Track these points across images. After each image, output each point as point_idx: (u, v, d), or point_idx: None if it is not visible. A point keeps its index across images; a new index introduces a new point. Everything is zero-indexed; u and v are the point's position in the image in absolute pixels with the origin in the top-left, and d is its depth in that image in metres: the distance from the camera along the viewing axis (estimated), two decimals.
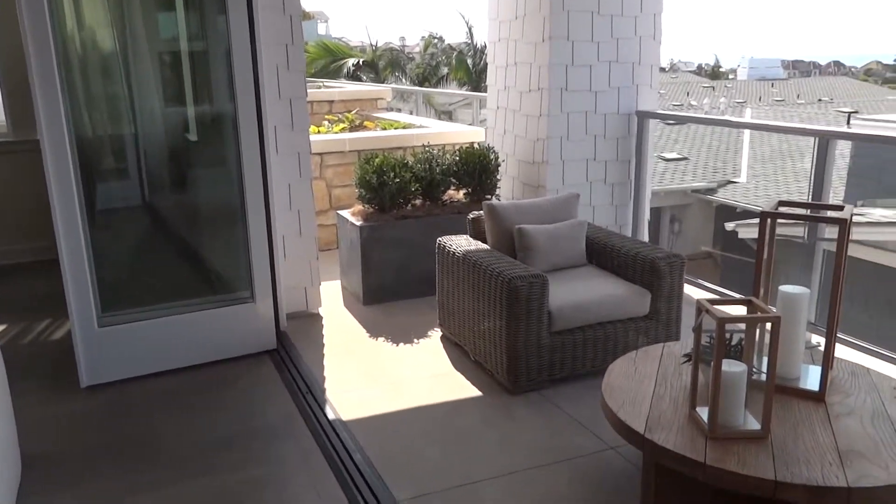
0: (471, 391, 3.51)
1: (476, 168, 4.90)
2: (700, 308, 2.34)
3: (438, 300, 4.08)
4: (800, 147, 16.05)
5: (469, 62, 18.63)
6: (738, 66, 57.64)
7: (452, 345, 4.01)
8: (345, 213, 4.84)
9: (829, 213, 2.66)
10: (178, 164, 4.01)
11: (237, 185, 3.76)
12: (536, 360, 3.41)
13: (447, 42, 20.67)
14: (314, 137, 5.47)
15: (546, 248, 3.75)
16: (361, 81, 17.20)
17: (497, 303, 3.40)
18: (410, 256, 4.67)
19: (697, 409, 2.40)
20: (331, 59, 18.31)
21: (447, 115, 15.14)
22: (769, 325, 2.34)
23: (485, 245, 3.89)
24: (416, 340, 4.11)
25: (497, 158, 5.02)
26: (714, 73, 50.30)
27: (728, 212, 14.23)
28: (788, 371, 2.61)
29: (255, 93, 3.69)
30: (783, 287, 2.59)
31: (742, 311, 2.44)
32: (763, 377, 2.40)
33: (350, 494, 2.70)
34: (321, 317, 4.50)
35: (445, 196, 4.95)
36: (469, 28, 18.91)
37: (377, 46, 20.34)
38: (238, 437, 3.12)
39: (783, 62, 62.46)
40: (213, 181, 4.00)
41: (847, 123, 15.81)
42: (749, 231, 11.95)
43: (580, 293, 3.51)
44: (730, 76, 49.40)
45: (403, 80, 19.29)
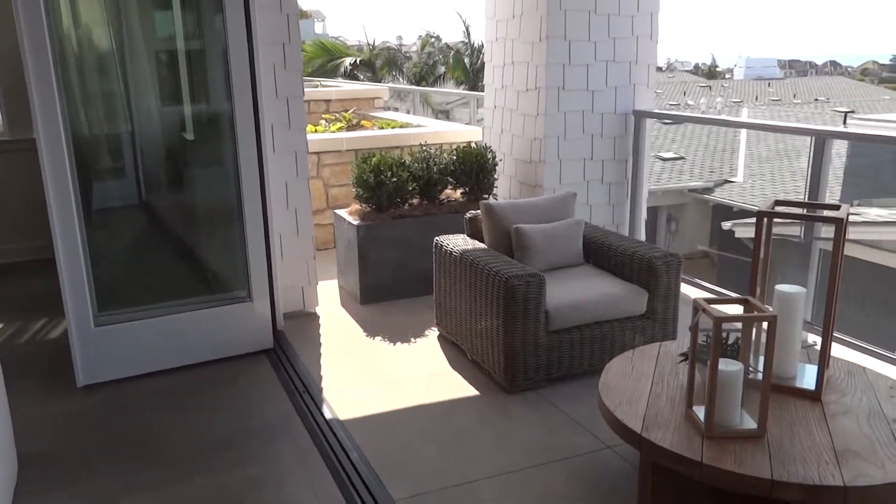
0: (468, 390, 3.51)
1: (473, 167, 4.90)
2: (697, 307, 2.35)
3: (436, 299, 4.09)
4: (796, 146, 16.09)
5: (466, 61, 18.63)
6: (735, 66, 57.70)
7: (449, 344, 4.01)
8: (342, 213, 4.84)
9: (826, 213, 2.67)
10: (175, 163, 4.00)
11: (234, 184, 3.75)
12: (533, 360, 3.41)
13: (444, 41, 20.69)
14: (311, 136, 5.47)
15: (543, 248, 3.76)
16: (358, 80, 17.18)
17: (494, 302, 3.40)
18: (408, 256, 4.66)
19: (694, 408, 2.41)
20: (328, 59, 18.30)
21: (444, 115, 15.13)
22: (766, 325, 2.35)
23: (482, 244, 3.90)
24: (414, 340, 4.11)
25: (494, 158, 5.02)
26: (711, 73, 50.34)
27: (725, 211, 14.25)
28: (785, 370, 2.61)
29: (252, 91, 3.68)
30: (779, 286, 2.59)
31: (739, 311, 2.45)
32: (759, 376, 2.41)
33: (347, 493, 2.70)
34: (318, 316, 4.50)
35: (443, 195, 4.95)
36: (466, 27, 18.93)
37: (374, 45, 20.32)
38: (235, 437, 3.12)
39: (780, 62, 62.52)
40: (210, 180, 4.00)
41: (843, 123, 15.84)
42: (746, 230, 11.98)
43: (577, 292, 3.52)
44: (726, 76, 49.44)
45: (400, 80, 19.28)
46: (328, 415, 3.28)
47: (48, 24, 3.18)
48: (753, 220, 2.60)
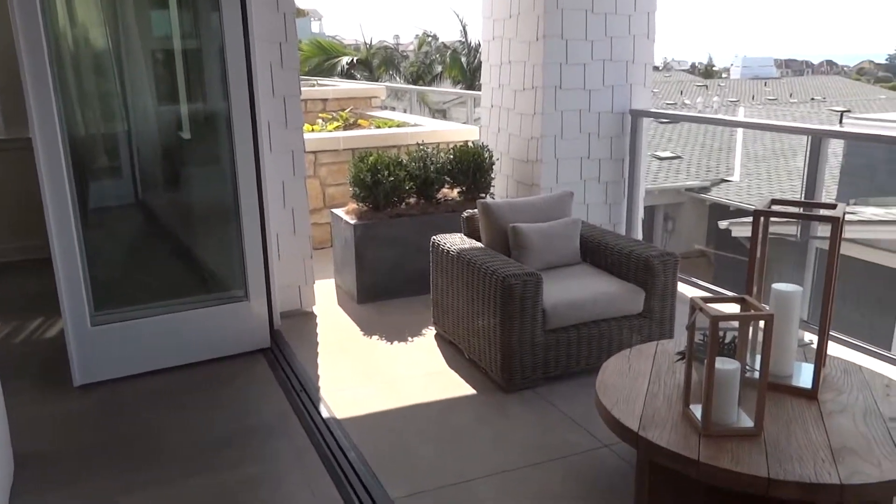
0: (465, 389, 3.52)
1: (470, 166, 4.90)
2: (694, 306, 2.35)
3: (433, 298, 4.09)
4: (792, 146, 16.11)
5: (463, 60, 18.63)
6: (732, 65, 57.75)
7: (447, 343, 4.01)
8: (339, 212, 4.84)
9: (822, 212, 2.67)
10: (172, 162, 3.99)
11: (231, 183, 3.75)
12: (531, 358, 3.42)
13: (441, 40, 20.68)
14: (308, 135, 5.46)
15: (540, 247, 3.76)
16: (355, 80, 17.17)
17: (491, 301, 3.40)
18: (404, 255, 4.66)
19: (691, 407, 2.41)
20: (325, 58, 18.29)
21: (441, 114, 15.11)
22: (762, 323, 2.35)
23: (479, 243, 3.90)
24: (411, 339, 4.11)
25: (491, 157, 5.02)
26: (707, 72, 50.39)
27: (721, 210, 14.28)
28: (781, 369, 2.62)
29: (249, 90, 3.68)
30: (776, 285, 2.60)
31: (735, 309, 2.45)
32: (756, 375, 2.41)
33: (344, 493, 2.69)
34: (315, 315, 4.50)
35: (440, 194, 4.95)
36: (463, 26, 18.91)
37: (371, 45, 20.31)
38: (232, 436, 3.11)
39: (776, 61, 62.59)
40: (207, 179, 3.99)
41: (839, 122, 15.86)
42: (742, 229, 11.99)
43: (574, 291, 3.52)
44: (723, 75, 49.50)
45: (397, 79, 19.26)
46: (325, 414, 3.28)
47: (44, 23, 3.17)
48: (750, 219, 2.60)
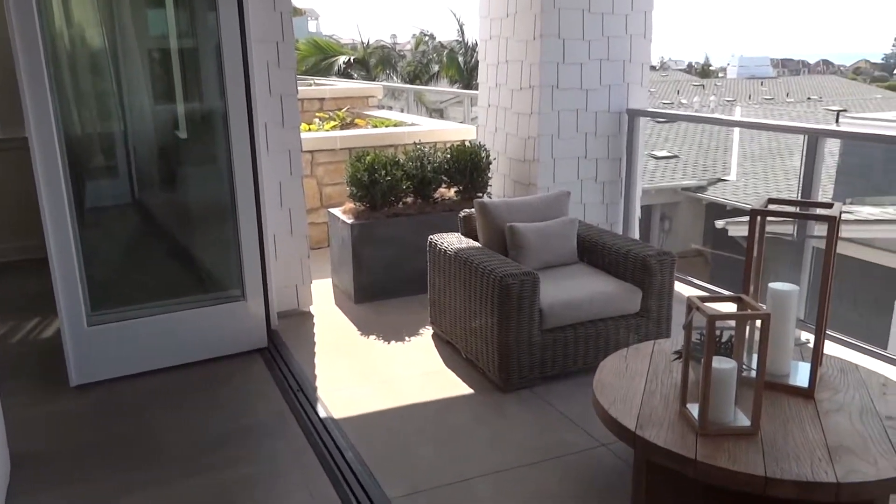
0: (462, 389, 3.52)
1: (467, 166, 4.90)
2: (690, 305, 2.35)
3: (430, 298, 4.08)
4: (789, 145, 16.13)
5: (460, 60, 18.61)
6: (728, 65, 57.81)
7: (444, 343, 4.01)
8: (336, 211, 4.83)
9: (819, 211, 2.68)
10: (168, 162, 3.99)
11: (227, 183, 3.74)
12: (528, 358, 3.42)
13: (438, 40, 20.65)
14: (305, 135, 5.46)
15: (537, 246, 3.76)
16: (352, 79, 17.15)
17: (488, 300, 3.40)
18: (402, 254, 4.66)
19: (688, 406, 2.41)
20: (321, 57, 18.25)
21: (438, 113, 15.11)
22: (759, 322, 2.35)
23: (476, 243, 3.90)
24: (408, 338, 4.11)
25: (488, 156, 5.02)
26: (704, 72, 50.47)
27: (718, 209, 14.29)
28: (778, 368, 2.62)
29: (246, 90, 3.67)
30: (773, 284, 2.60)
31: (732, 309, 2.45)
32: (753, 374, 2.42)
33: (342, 492, 2.69)
34: (312, 315, 4.49)
35: (437, 194, 4.95)
36: (460, 25, 18.89)
37: (368, 44, 20.28)
38: (229, 436, 3.11)
39: (773, 61, 62.67)
40: (204, 179, 3.98)
41: (836, 121, 15.89)
42: (739, 229, 12.01)
43: (571, 291, 3.52)
44: (720, 74, 49.56)
45: (394, 78, 19.25)
46: (322, 414, 3.28)
47: (40, 23, 3.16)
48: (747, 219, 2.61)
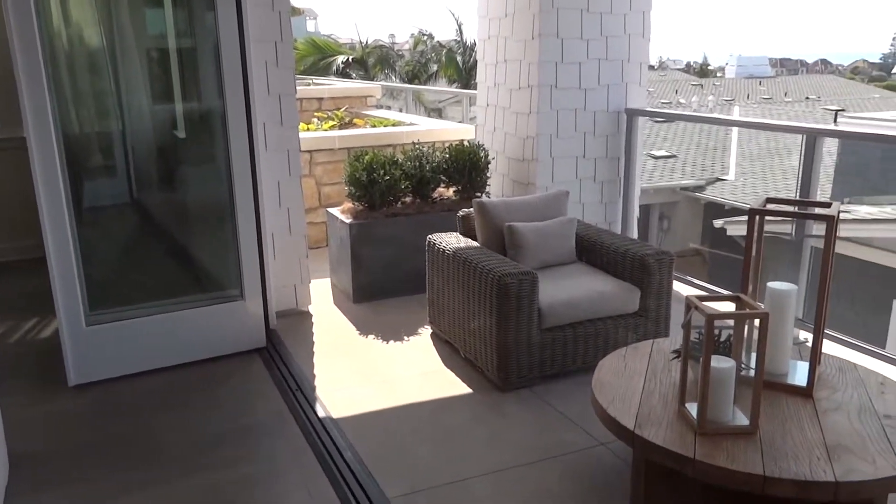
0: (461, 388, 3.52)
1: (466, 165, 4.90)
2: (689, 305, 2.35)
3: (428, 298, 4.08)
4: (787, 145, 16.15)
5: (459, 59, 18.59)
6: (727, 64, 57.89)
7: (443, 342, 4.01)
8: (334, 211, 4.83)
9: (817, 210, 2.68)
10: (167, 161, 3.98)
11: (226, 183, 3.74)
12: (527, 357, 3.42)
13: (437, 39, 20.62)
14: (304, 135, 5.46)
15: (536, 246, 3.76)
16: (351, 79, 17.14)
17: (487, 300, 3.40)
18: (400, 254, 4.66)
19: (687, 405, 2.41)
20: (320, 57, 18.24)
21: (437, 113, 15.10)
22: (757, 322, 2.36)
23: (475, 242, 3.90)
24: (407, 338, 4.11)
25: (487, 156, 5.02)
26: (702, 71, 50.47)
27: (717, 209, 14.30)
28: (776, 367, 2.62)
29: (244, 89, 3.67)
30: (771, 284, 2.60)
31: (731, 308, 2.46)
32: (751, 373, 2.42)
33: (341, 492, 2.69)
34: (311, 315, 4.49)
35: (435, 193, 4.95)
36: (459, 25, 18.88)
37: (367, 44, 20.26)
38: (228, 436, 3.11)
39: (771, 60, 62.73)
40: (202, 178, 3.98)
41: (834, 121, 15.91)
42: (737, 228, 12.02)
43: (570, 290, 3.52)
44: (718, 74, 49.60)
45: (393, 78, 19.23)
46: (321, 413, 3.28)
47: (38, 22, 3.16)
48: (745, 218, 2.61)
